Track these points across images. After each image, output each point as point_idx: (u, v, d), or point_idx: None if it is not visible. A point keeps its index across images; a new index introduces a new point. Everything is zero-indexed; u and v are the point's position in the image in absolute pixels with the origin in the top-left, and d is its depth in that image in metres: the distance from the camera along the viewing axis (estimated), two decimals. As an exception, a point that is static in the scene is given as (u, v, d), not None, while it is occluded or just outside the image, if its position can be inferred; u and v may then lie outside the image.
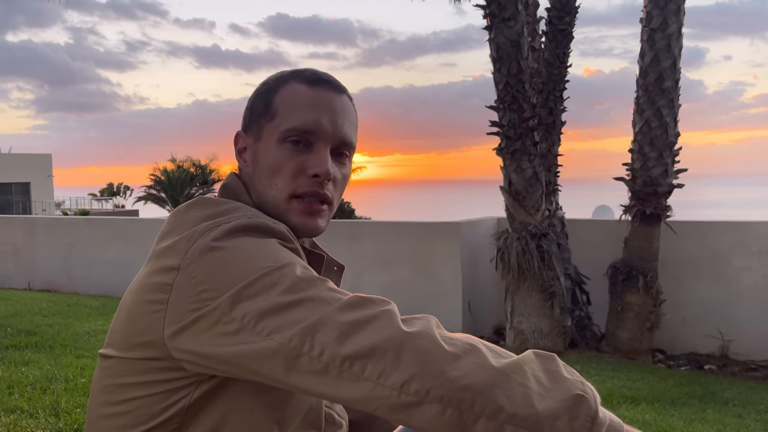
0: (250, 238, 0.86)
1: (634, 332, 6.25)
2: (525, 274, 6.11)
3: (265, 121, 1.01)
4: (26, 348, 3.79)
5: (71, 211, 35.47)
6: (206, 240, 0.85)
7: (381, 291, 7.22)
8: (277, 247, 0.87)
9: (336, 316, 0.78)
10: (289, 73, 1.04)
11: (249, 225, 0.88)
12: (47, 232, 9.74)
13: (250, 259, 0.83)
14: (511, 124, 6.22)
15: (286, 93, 1.00)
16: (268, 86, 1.04)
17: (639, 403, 3.81)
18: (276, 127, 0.99)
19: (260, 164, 1.00)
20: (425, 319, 0.83)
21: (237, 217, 0.90)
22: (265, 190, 0.99)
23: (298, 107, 0.98)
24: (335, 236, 7.70)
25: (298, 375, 0.78)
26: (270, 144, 0.99)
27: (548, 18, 6.82)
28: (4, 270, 9.76)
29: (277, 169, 0.97)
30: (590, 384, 0.81)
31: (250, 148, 1.03)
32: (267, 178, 0.98)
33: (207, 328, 0.81)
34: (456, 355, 0.77)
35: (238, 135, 1.05)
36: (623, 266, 6.32)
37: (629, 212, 6.40)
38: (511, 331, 6.29)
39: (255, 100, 1.04)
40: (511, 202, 6.32)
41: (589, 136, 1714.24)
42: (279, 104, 1.00)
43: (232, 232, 0.86)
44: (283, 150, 0.98)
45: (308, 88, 1.00)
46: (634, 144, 6.45)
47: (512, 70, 6.14)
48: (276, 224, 0.92)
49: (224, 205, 0.95)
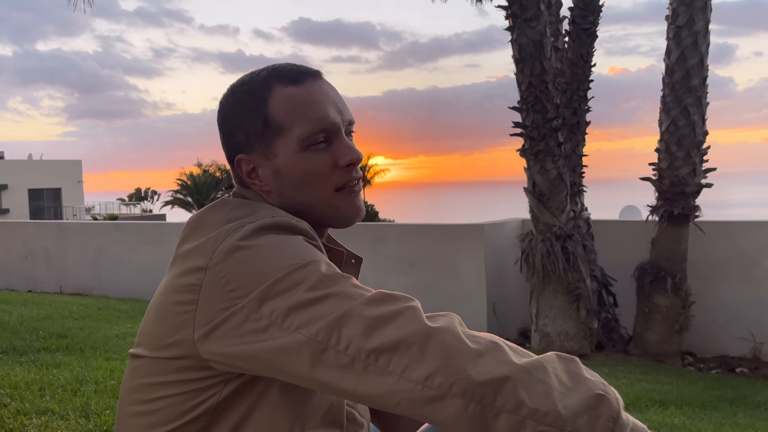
0: (275, 236, 0.88)
1: (662, 334, 6.15)
2: (550, 276, 6.05)
3: (271, 138, 0.98)
4: (57, 351, 3.87)
5: (101, 215, 36.15)
6: (233, 240, 0.87)
7: (405, 293, 7.21)
8: (303, 244, 0.88)
9: (362, 311, 0.79)
10: (264, 78, 0.99)
11: (274, 223, 0.89)
12: (77, 237, 9.94)
13: (277, 257, 0.84)
14: (534, 125, 6.17)
15: (278, 101, 0.97)
16: (251, 101, 0.99)
17: (668, 406, 3.74)
18: (290, 140, 0.97)
19: (287, 177, 0.99)
20: (449, 316, 0.84)
21: (261, 216, 0.91)
22: (302, 198, 0.99)
23: (301, 111, 0.97)
24: (359, 238, 7.72)
25: (324, 369, 0.79)
26: (291, 156, 0.98)
27: (571, 17, 6.76)
28: (37, 274, 9.98)
29: (312, 174, 0.98)
30: (613, 387, 0.81)
31: (262, 166, 1.00)
32: (303, 186, 0.98)
33: (236, 327, 0.82)
34: (479, 352, 0.77)
35: (240, 160, 1.00)
36: (651, 267, 6.23)
37: (656, 212, 6.30)
38: (537, 334, 6.23)
39: (242, 119, 0.99)
40: (536, 203, 6.27)
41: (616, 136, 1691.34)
42: (278, 115, 0.97)
43: (258, 231, 0.88)
44: (309, 156, 0.97)
45: (297, 87, 0.98)
46: (660, 143, 6.35)
47: (535, 71, 6.10)
48: (299, 222, 0.93)
49: (248, 207, 0.96)
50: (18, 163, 34.71)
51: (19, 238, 10.43)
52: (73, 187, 35.47)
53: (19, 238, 10.44)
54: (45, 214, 32.97)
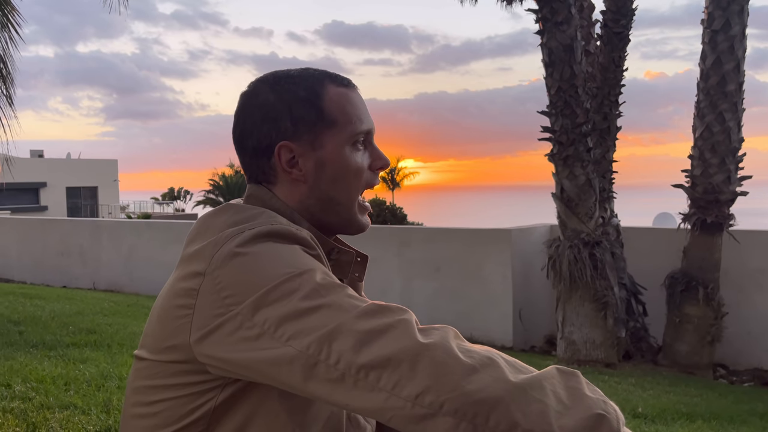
0: (273, 243, 0.88)
1: (693, 345, 6.01)
2: (577, 283, 5.97)
3: (322, 128, 1.01)
4: (85, 346, 3.96)
5: (135, 214, 36.89)
6: (231, 246, 0.87)
7: (430, 298, 7.19)
8: (299, 253, 0.88)
9: (353, 324, 0.79)
10: (315, 75, 1.05)
11: (272, 231, 0.90)
12: (111, 235, 10.17)
13: (272, 265, 0.85)
14: (563, 130, 6.09)
15: (334, 98, 1.03)
16: (304, 92, 1.02)
17: (695, 419, 3.65)
18: (340, 134, 1.02)
19: (329, 169, 1.02)
20: (443, 329, 0.83)
21: (261, 222, 0.92)
22: (335, 192, 1.02)
23: (352, 111, 1.03)
24: (384, 242, 7.72)
25: (315, 382, 0.78)
26: (337, 149, 1.02)
27: (603, 21, 6.67)
28: (72, 270, 10.24)
29: (353, 169, 1.02)
30: (614, 404, 0.78)
31: (305, 156, 1.02)
32: (341, 180, 1.02)
33: (230, 333, 0.82)
34: (472, 368, 0.76)
35: (282, 146, 1.02)
36: (682, 276, 6.09)
37: (689, 220, 6.17)
38: (563, 341, 6.14)
39: (293, 107, 1.02)
40: (564, 209, 6.18)
41: (651, 141, 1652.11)
42: (334, 111, 1.02)
43: (256, 238, 0.88)
44: (355, 152, 1.03)
45: (347, 90, 1.05)
46: (694, 150, 6.21)
47: (565, 75, 6.02)
48: (298, 230, 0.93)
49: (249, 211, 0.97)
50: (57, 161, 35.64)
51: (56, 235, 10.71)
52: (109, 186, 36.29)
53: (56, 234, 10.72)
54: (82, 212, 33.80)
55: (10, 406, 2.22)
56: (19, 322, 4.56)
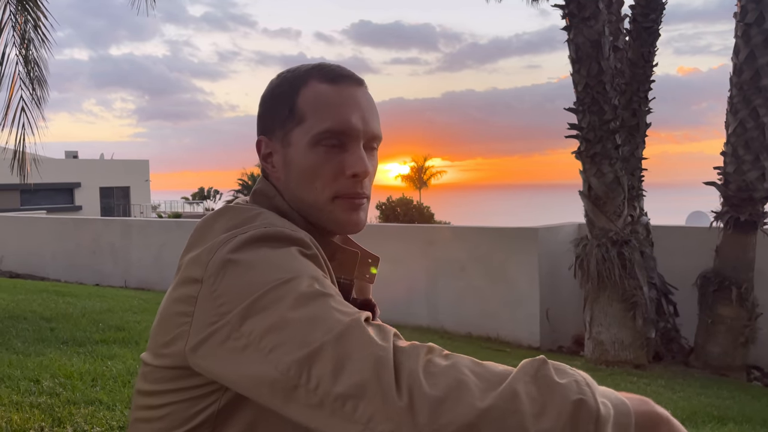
0: (265, 249, 0.86)
1: (725, 347, 5.86)
2: (605, 282, 5.87)
3: (291, 126, 0.98)
4: (114, 343, 4.03)
5: (165, 213, 37.49)
6: (223, 252, 0.85)
7: (456, 297, 7.15)
8: (291, 257, 0.85)
9: (334, 346, 0.76)
10: (306, 71, 1.01)
11: (264, 234, 0.87)
12: (141, 234, 10.35)
13: (262, 272, 0.83)
14: (590, 127, 6.00)
15: (309, 94, 0.98)
16: (286, 88, 1.00)
17: (726, 422, 3.56)
18: (307, 131, 0.97)
19: (294, 169, 0.99)
20: (415, 351, 0.78)
21: (254, 226, 0.89)
22: (302, 194, 0.98)
23: (325, 108, 0.97)
24: (410, 240, 7.70)
25: (295, 406, 0.76)
26: (302, 148, 0.97)
27: (632, 16, 6.54)
28: (104, 268, 10.45)
29: (315, 172, 0.97)
30: (583, 373, 0.74)
31: (277, 153, 1.01)
32: (305, 182, 0.98)
33: (220, 343, 0.81)
34: (439, 399, 0.73)
35: (260, 141, 1.02)
36: (714, 276, 5.95)
37: (721, 219, 6.02)
38: (590, 341, 6.05)
39: (274, 103, 1.01)
40: (591, 207, 6.09)
41: (685, 139, 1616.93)
42: (304, 107, 0.98)
43: (248, 243, 0.86)
44: (318, 153, 0.97)
45: (331, 86, 0.98)
46: (727, 146, 6.06)
47: (592, 71, 5.93)
48: (294, 231, 0.90)
49: (246, 214, 0.94)
50: (91, 162, 36.43)
51: (89, 234, 10.94)
52: (141, 186, 36.97)
53: (89, 233, 10.96)
54: (115, 212, 34.49)
55: (38, 401, 2.27)
56: (51, 318, 4.66)
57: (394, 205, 33.74)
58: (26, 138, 4.64)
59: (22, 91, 4.51)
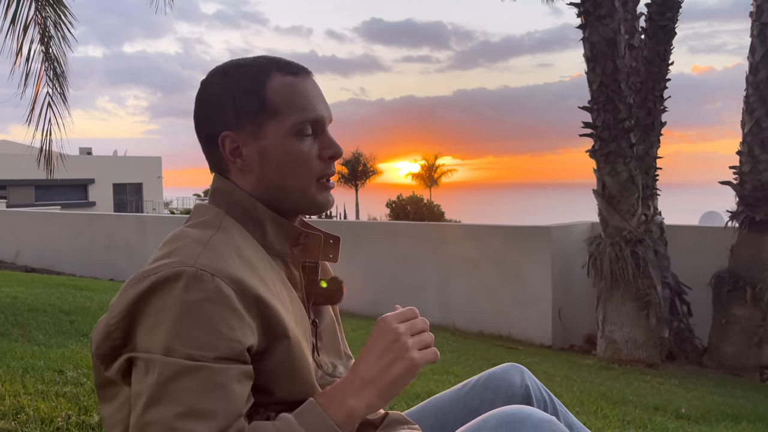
0: (156, 303, 0.89)
1: (739, 347, 5.84)
2: (618, 281, 5.86)
3: (265, 119, 1.02)
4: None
5: (178, 210, 37.73)
6: (131, 293, 0.91)
7: (468, 296, 7.16)
8: (178, 317, 0.88)
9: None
10: (264, 64, 1.05)
11: (164, 279, 0.90)
12: (155, 230, 10.44)
13: (144, 332, 0.89)
14: (605, 126, 5.99)
15: (277, 87, 1.03)
16: (248, 83, 1.03)
17: (740, 421, 3.56)
18: (283, 123, 1.02)
19: (272, 159, 1.03)
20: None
21: (164, 266, 0.91)
22: (284, 181, 1.04)
23: (297, 100, 1.03)
24: (422, 239, 7.73)
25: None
26: (280, 139, 1.03)
27: (648, 14, 6.51)
28: (119, 264, 10.56)
29: (299, 159, 1.03)
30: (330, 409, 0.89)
31: (248, 146, 1.04)
32: (288, 170, 1.03)
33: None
34: None
35: (225, 136, 1.04)
36: (729, 276, 5.93)
37: (736, 219, 6.00)
38: (603, 340, 6.05)
39: (237, 97, 1.03)
40: (605, 206, 6.08)
41: (699, 138, 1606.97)
42: (276, 100, 1.02)
43: (146, 292, 0.90)
44: (298, 142, 1.03)
45: (295, 78, 1.05)
46: (742, 146, 6.04)
47: (607, 70, 5.92)
48: (221, 268, 0.92)
49: (181, 240, 0.97)
50: (104, 158, 36.71)
51: (103, 230, 11.06)
52: (154, 182, 37.21)
53: (103, 229, 11.07)
54: (127, 208, 34.75)
55: (63, 390, 2.32)
56: (70, 312, 4.74)
57: (405, 204, 33.75)
58: (52, 134, 4.72)
59: (48, 88, 4.60)
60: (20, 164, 29.50)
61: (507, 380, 1.22)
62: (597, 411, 3.26)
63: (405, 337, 0.94)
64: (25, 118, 4.53)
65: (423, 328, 0.98)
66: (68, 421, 1.95)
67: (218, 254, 0.94)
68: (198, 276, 0.89)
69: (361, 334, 5.50)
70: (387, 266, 7.74)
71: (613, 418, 3.10)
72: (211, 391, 0.85)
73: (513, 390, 1.21)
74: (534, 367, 4.88)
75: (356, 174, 45.08)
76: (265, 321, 0.93)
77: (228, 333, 0.88)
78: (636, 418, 3.17)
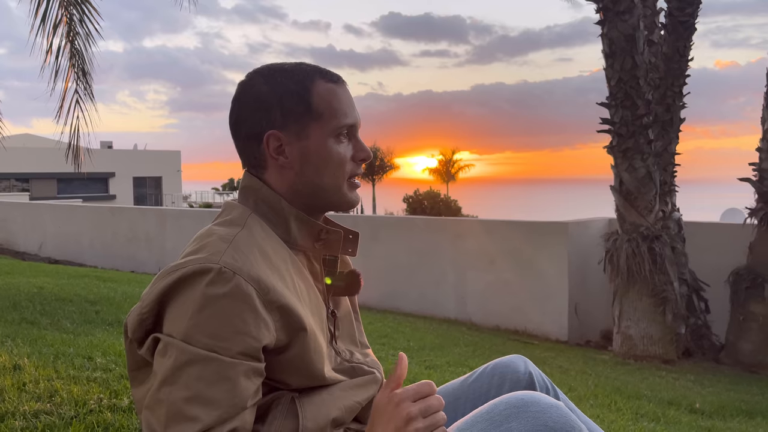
0: (182, 295, 0.98)
1: (757, 344, 5.82)
2: (635, 277, 5.87)
3: (309, 120, 1.11)
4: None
5: (196, 203, 38.10)
6: (160, 285, 1.00)
7: (484, 291, 7.21)
8: (199, 309, 0.96)
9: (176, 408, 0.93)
10: (306, 71, 1.14)
11: (190, 274, 0.98)
12: (175, 223, 10.61)
13: (169, 319, 0.98)
14: (623, 122, 5.99)
15: (321, 93, 1.12)
16: (295, 86, 1.11)
17: (755, 416, 3.57)
18: (325, 126, 1.12)
19: (313, 158, 1.12)
20: None
21: (191, 262, 1.00)
22: (321, 179, 1.13)
23: (339, 106, 1.13)
24: (439, 233, 7.78)
25: None
26: (322, 140, 1.12)
27: (668, 9, 6.49)
28: (139, 256, 10.74)
29: (337, 160, 1.12)
30: None
31: (291, 144, 1.12)
32: (326, 169, 1.12)
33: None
34: None
35: (271, 135, 1.11)
36: (747, 273, 5.91)
37: (755, 215, 5.97)
38: (619, 336, 6.07)
39: (284, 99, 1.11)
40: (622, 202, 6.09)
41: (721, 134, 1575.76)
42: (320, 104, 1.11)
43: (189, 278, 0.98)
44: (336, 144, 1.13)
45: (336, 86, 1.14)
46: (762, 142, 6.00)
47: (626, 66, 5.91)
48: (225, 267, 0.99)
49: (207, 238, 1.05)
50: (124, 152, 37.19)
51: (125, 222, 11.25)
52: (173, 176, 37.63)
53: (125, 222, 11.26)
54: (147, 201, 35.20)
55: (93, 375, 2.42)
56: (95, 302, 4.86)
57: (421, 199, 33.74)
58: (80, 128, 4.86)
59: (76, 84, 4.73)
60: (43, 158, 30.00)
61: (512, 367, 1.30)
62: (611, 404, 3.30)
63: (416, 422, 0.95)
64: (54, 113, 4.68)
65: (437, 407, 0.98)
66: (100, 403, 2.04)
67: (241, 252, 1.02)
68: (221, 273, 0.97)
69: (377, 327, 5.58)
70: (404, 260, 7.80)
71: (627, 411, 3.14)
72: (218, 382, 0.93)
73: (518, 376, 1.29)
74: (549, 362, 4.92)
75: (373, 169, 45.15)
76: (284, 316, 1.01)
77: (243, 328, 0.96)
78: (649, 412, 3.20)
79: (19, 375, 2.34)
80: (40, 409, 1.95)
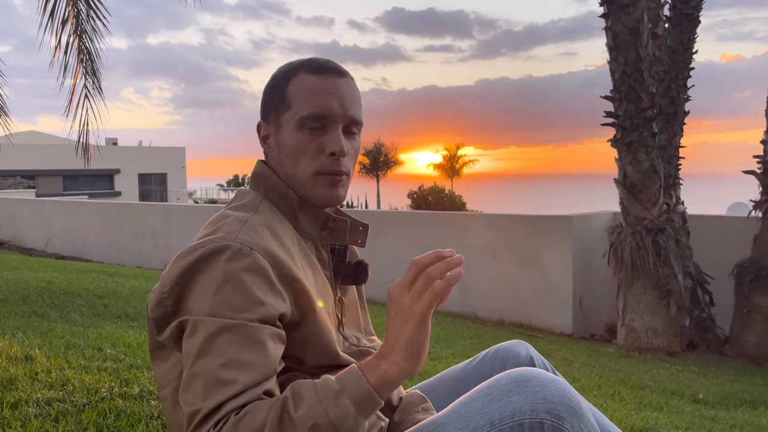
0: (203, 272, 1.01)
1: (762, 336, 5.84)
2: (639, 270, 5.89)
3: (282, 111, 1.15)
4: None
5: (201, 200, 38.22)
6: (180, 264, 1.03)
7: (489, 284, 7.23)
8: (221, 284, 0.99)
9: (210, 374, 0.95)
10: (297, 64, 1.17)
11: (210, 252, 1.01)
12: (181, 219, 10.66)
13: (193, 299, 1.00)
14: (627, 115, 6.00)
15: (297, 84, 1.14)
16: (280, 78, 1.17)
17: (758, 407, 3.60)
18: (293, 116, 1.13)
19: (284, 149, 1.15)
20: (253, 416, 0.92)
21: (210, 241, 1.03)
22: (291, 171, 1.15)
23: (309, 96, 1.13)
24: (443, 228, 7.80)
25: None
26: (290, 130, 1.14)
27: (672, 2, 6.48)
28: (145, 252, 10.81)
29: (300, 151, 1.13)
30: (323, 386, 0.94)
31: (272, 135, 1.18)
32: (291, 160, 1.14)
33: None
34: None
35: (260, 124, 1.20)
36: (751, 266, 5.92)
37: (760, 208, 5.98)
38: (623, 329, 6.09)
39: (270, 91, 1.18)
40: (626, 195, 6.10)
41: (727, 127, 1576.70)
42: (292, 95, 1.14)
43: (207, 258, 1.01)
44: (303, 135, 1.13)
45: (315, 77, 1.14)
46: (767, 135, 6.00)
47: (630, 59, 5.91)
48: (250, 249, 1.03)
49: (221, 221, 1.09)
50: (129, 149, 37.29)
51: (131, 218, 11.31)
52: (178, 173, 37.74)
53: (131, 218, 11.33)
54: (152, 198, 35.31)
55: (104, 365, 2.46)
56: (103, 296, 4.91)
57: (426, 194, 33.75)
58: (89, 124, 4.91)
59: (85, 79, 4.77)
60: (48, 155, 30.14)
61: (513, 352, 1.34)
62: (614, 394, 3.33)
63: (404, 299, 0.94)
64: (63, 110, 4.73)
65: (432, 277, 0.94)
66: (111, 391, 2.08)
67: (256, 231, 1.06)
68: (238, 249, 1.01)
69: (383, 320, 5.61)
70: (408, 255, 7.77)
71: (630, 401, 3.17)
72: (250, 345, 0.96)
73: (519, 359, 1.32)
74: (554, 354, 4.95)
75: (377, 164, 45.14)
76: (296, 292, 1.05)
77: (263, 298, 0.99)
78: (653, 402, 3.23)
79: (31, 365, 2.38)
80: (53, 396, 1.99)
